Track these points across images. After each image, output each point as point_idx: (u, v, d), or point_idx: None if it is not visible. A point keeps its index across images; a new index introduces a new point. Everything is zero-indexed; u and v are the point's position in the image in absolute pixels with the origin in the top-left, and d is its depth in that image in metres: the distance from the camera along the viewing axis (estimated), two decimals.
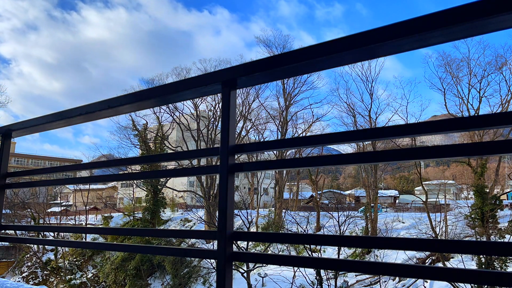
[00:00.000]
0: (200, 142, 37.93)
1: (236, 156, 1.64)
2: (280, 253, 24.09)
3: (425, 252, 23.83)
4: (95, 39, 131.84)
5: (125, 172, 28.42)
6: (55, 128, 2.61)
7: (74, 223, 38.64)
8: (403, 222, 31.45)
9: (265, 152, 32.71)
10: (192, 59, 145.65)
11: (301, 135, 37.33)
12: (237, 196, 34.78)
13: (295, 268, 20.38)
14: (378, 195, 35.53)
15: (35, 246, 33.66)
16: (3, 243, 30.77)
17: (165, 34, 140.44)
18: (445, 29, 1.10)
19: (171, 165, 37.51)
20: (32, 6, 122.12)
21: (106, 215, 41.55)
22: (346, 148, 36.89)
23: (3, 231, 2.73)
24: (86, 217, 38.45)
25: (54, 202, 49.57)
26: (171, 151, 33.36)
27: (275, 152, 33.50)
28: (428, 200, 29.69)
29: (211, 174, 2.34)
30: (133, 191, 42.50)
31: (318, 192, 38.22)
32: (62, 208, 42.96)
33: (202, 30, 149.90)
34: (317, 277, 18.78)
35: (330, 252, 26.88)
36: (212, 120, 38.68)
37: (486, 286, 12.89)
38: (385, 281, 22.55)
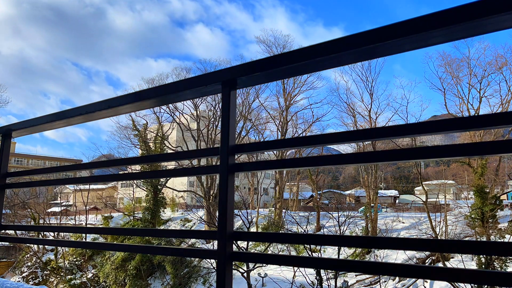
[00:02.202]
0: (200, 142, 37.92)
1: (236, 156, 1.64)
2: (280, 253, 24.09)
3: (425, 252, 23.83)
4: None
5: (125, 172, 28.43)
6: (55, 128, 2.62)
7: (74, 223, 38.63)
8: (403, 222, 31.44)
9: (265, 152, 32.67)
10: (110, 39, 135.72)
11: (301, 135, 37.33)
12: (237, 196, 34.78)
13: (295, 268, 20.39)
14: (378, 195, 35.52)
15: (35, 246, 33.66)
16: (3, 243, 30.78)
17: (70, 10, 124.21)
18: (445, 29, 1.10)
19: (171, 165, 37.50)
20: None
21: (106, 215, 41.55)
22: (346, 148, 36.90)
23: (3, 231, 2.73)
24: (86, 217, 38.44)
25: (54, 202, 49.56)
26: (171, 151, 33.37)
27: (275, 152, 33.50)
28: (428, 200, 29.67)
29: (211, 174, 2.35)
30: (133, 191, 42.51)
31: (318, 192, 38.21)
32: (62, 208, 42.94)
33: (113, 5, 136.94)
34: (317, 277, 18.78)
35: (330, 252, 26.87)
36: (212, 120, 38.67)
37: (486, 286, 12.90)
38: (385, 281, 22.56)
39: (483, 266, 20.41)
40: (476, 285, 15.27)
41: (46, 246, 34.30)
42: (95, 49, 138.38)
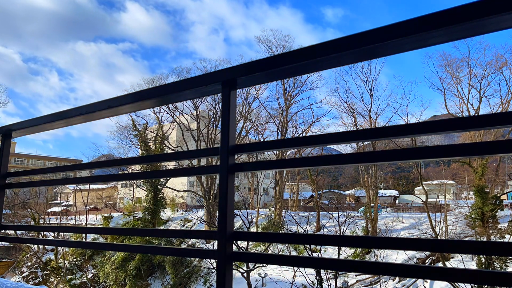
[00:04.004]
0: (200, 142, 37.92)
1: (236, 156, 1.64)
2: (280, 253, 24.09)
3: (425, 252, 23.83)
4: None
5: (125, 172, 28.43)
6: (55, 128, 2.62)
7: (74, 223, 38.64)
8: (403, 222, 31.44)
9: (265, 152, 32.66)
10: (36, 22, 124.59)
11: (301, 135, 37.33)
12: (237, 196, 34.77)
13: (295, 268, 20.39)
14: (378, 195, 35.52)
15: (35, 246, 33.66)
16: (3, 243, 30.78)
17: None
18: (445, 29, 1.10)
19: (171, 165, 37.50)
20: None
21: (106, 215, 41.56)
22: (346, 148, 36.90)
23: (3, 231, 2.73)
24: (86, 217, 38.45)
25: (54, 202, 49.57)
26: (171, 151, 33.37)
27: (275, 152, 33.50)
28: (428, 200, 29.67)
29: (211, 174, 2.35)
30: (133, 191, 42.51)
31: (318, 192, 38.21)
32: (62, 208, 42.96)
33: None
34: (317, 277, 18.77)
35: (330, 252, 26.88)
36: (212, 120, 38.68)
37: (486, 286, 12.90)
38: (385, 281, 22.55)
39: (483, 266, 20.41)
40: (476, 285, 15.27)
41: (46, 246, 34.31)
42: (21, 33, 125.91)
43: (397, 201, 49.52)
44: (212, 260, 22.48)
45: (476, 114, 26.16)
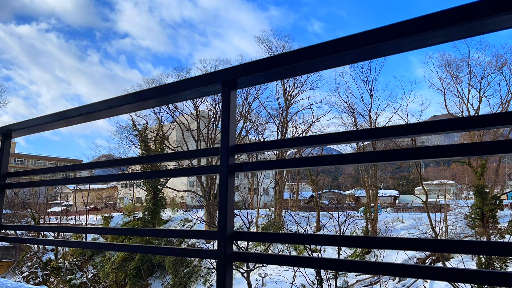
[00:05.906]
0: (200, 142, 37.92)
1: (236, 156, 1.64)
2: (280, 253, 24.08)
3: (425, 252, 23.82)
4: None
5: (125, 172, 28.43)
6: (55, 128, 2.62)
7: (74, 223, 38.62)
8: (403, 222, 31.43)
9: (265, 152, 32.68)
10: None
11: (301, 135, 37.32)
12: (237, 196, 34.77)
13: (295, 268, 20.38)
14: (378, 195, 35.51)
15: (35, 246, 33.66)
16: (3, 243, 30.76)
17: None
18: (445, 29, 1.10)
19: (171, 165, 37.49)
20: None
21: (106, 215, 41.54)
22: (346, 148, 36.89)
23: (3, 231, 2.73)
24: (86, 217, 38.44)
25: (54, 202, 49.55)
26: (171, 151, 33.35)
27: (275, 152, 33.49)
28: (428, 200, 29.66)
29: (211, 174, 2.35)
30: (133, 191, 42.50)
31: (318, 192, 38.21)
32: (62, 208, 42.94)
33: None
34: (317, 277, 18.78)
35: (330, 252, 26.87)
36: (212, 120, 38.68)
37: (486, 286, 12.89)
38: (385, 281, 22.54)
39: (483, 266, 20.40)
40: (476, 285, 15.27)
41: (46, 246, 34.31)
42: None
43: (397, 201, 49.52)
44: (212, 260, 22.48)
45: (476, 114, 26.15)
